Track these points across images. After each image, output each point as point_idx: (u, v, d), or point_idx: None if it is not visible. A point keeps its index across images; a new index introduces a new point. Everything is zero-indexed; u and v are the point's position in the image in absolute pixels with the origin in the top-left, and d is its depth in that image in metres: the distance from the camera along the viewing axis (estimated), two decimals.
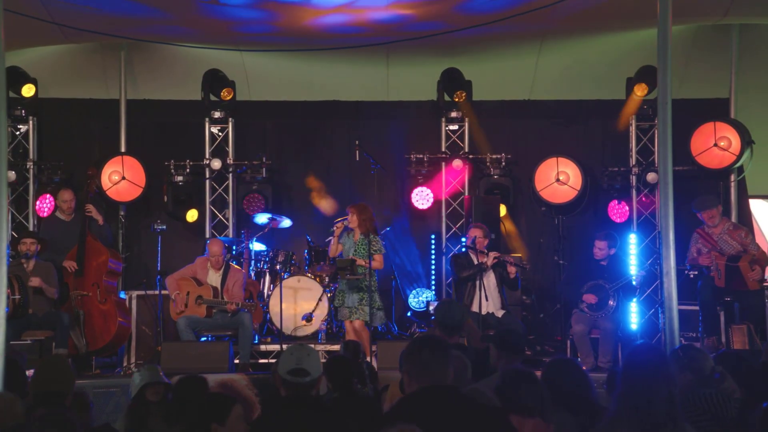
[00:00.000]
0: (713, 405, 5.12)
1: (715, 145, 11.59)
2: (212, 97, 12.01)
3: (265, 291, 11.37)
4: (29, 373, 6.34)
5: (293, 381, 4.76)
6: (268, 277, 11.44)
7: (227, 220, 12.22)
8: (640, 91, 11.59)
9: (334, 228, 10.33)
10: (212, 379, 7.46)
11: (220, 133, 12.28)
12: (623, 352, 9.80)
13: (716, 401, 5.14)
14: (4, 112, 5.38)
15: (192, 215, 11.86)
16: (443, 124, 12.30)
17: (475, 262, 10.34)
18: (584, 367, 9.87)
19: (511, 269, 10.28)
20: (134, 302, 11.28)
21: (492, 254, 10.32)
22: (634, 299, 10.94)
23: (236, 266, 10.96)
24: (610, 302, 10.28)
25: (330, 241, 10.57)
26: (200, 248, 11.50)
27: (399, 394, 6.63)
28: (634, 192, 11.98)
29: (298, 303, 11.10)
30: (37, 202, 11.75)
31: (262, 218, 11.67)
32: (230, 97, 11.92)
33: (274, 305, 10.98)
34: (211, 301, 10.47)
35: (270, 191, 12.20)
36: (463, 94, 11.99)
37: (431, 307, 11.29)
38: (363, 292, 10.13)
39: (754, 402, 4.65)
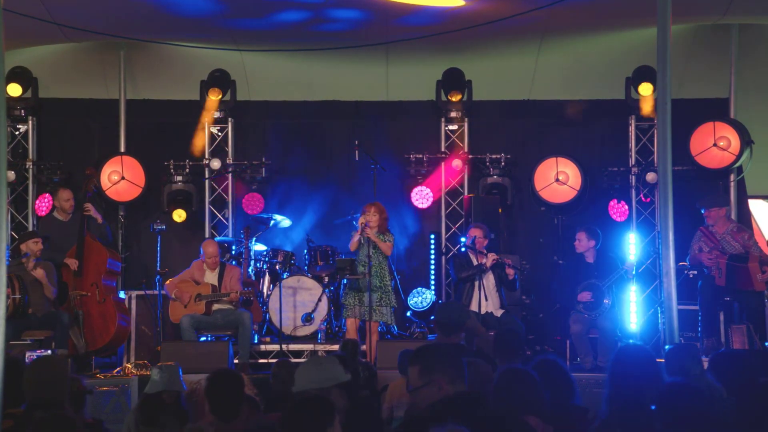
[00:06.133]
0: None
1: (715, 145, 11.59)
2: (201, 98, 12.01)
3: (265, 291, 11.37)
4: None
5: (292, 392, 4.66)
6: (267, 277, 11.43)
7: (227, 220, 12.22)
8: (645, 90, 11.53)
9: (360, 225, 10.30)
10: None
11: (219, 133, 12.28)
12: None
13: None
14: (4, 112, 5.36)
15: (179, 215, 11.83)
16: (443, 124, 12.30)
17: (475, 263, 10.34)
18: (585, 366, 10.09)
19: (510, 271, 10.28)
20: (134, 302, 11.28)
21: (491, 255, 10.32)
22: (632, 288, 10.89)
23: (231, 264, 10.97)
24: (606, 300, 10.28)
25: (354, 236, 10.46)
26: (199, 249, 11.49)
27: (399, 394, 6.65)
28: (633, 192, 11.99)
29: (298, 303, 11.09)
30: (36, 202, 11.75)
31: (285, 221, 11.75)
32: (218, 98, 11.89)
33: (273, 305, 10.98)
34: (210, 295, 10.48)
35: (270, 191, 12.20)
36: (459, 96, 11.98)
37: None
38: (380, 291, 10.22)
39: (748, 406, 4.62)
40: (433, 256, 12.25)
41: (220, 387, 5.06)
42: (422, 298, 11.79)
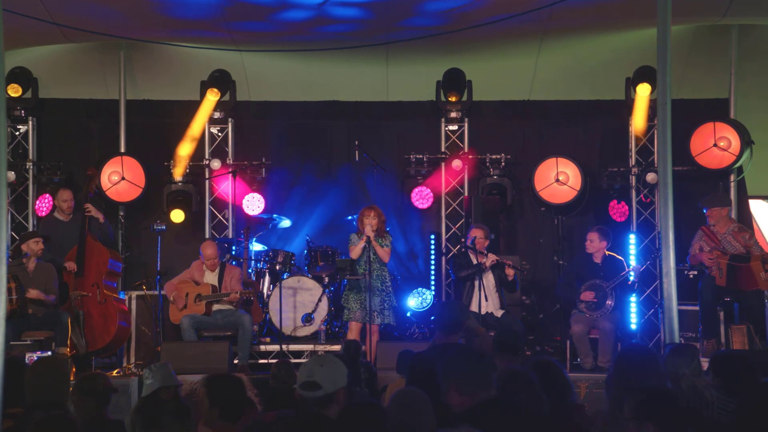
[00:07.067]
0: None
1: (715, 145, 11.59)
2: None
3: (265, 291, 11.36)
4: None
5: (303, 395, 4.44)
6: (268, 278, 11.43)
7: (227, 220, 12.22)
8: (643, 91, 11.55)
9: (365, 234, 10.21)
10: None
11: (219, 134, 12.29)
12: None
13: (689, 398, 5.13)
14: (4, 112, 5.37)
15: (178, 215, 11.81)
16: (443, 124, 12.30)
17: (475, 262, 10.35)
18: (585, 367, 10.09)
19: (509, 271, 10.28)
20: (134, 302, 11.28)
21: (491, 256, 10.32)
22: (633, 295, 10.91)
23: (231, 264, 10.97)
24: (608, 302, 10.27)
25: (358, 244, 10.37)
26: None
27: None
28: (633, 192, 11.99)
29: (298, 303, 11.09)
30: (37, 202, 11.75)
31: (285, 222, 11.75)
32: (217, 98, 11.89)
33: (273, 305, 10.98)
34: (210, 296, 10.49)
35: (270, 191, 12.20)
36: (459, 96, 11.97)
37: None
38: (383, 294, 10.24)
39: (750, 406, 4.61)
40: (433, 257, 12.25)
41: (226, 390, 5.00)
42: (422, 298, 11.80)
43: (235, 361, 10.24)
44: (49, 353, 9.38)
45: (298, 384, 4.48)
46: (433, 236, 12.30)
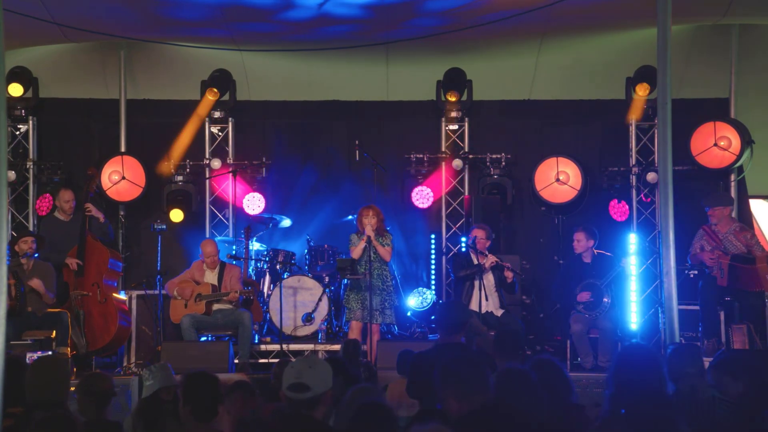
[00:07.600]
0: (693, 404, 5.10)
1: (715, 144, 11.58)
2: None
3: (266, 291, 11.36)
4: None
5: (291, 397, 4.38)
6: (268, 277, 11.43)
7: (227, 220, 12.23)
8: (642, 90, 11.58)
9: (365, 233, 10.22)
10: None
11: (220, 133, 12.29)
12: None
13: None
14: (4, 111, 5.37)
15: (177, 215, 11.80)
16: (443, 124, 12.30)
17: (475, 262, 10.35)
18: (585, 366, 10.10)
19: (508, 274, 10.28)
20: (134, 302, 11.28)
21: (491, 257, 10.32)
22: (633, 288, 10.89)
23: (231, 264, 10.97)
24: (605, 299, 10.28)
25: (359, 244, 10.35)
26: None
27: (398, 394, 6.65)
28: (633, 192, 11.99)
29: (298, 303, 11.09)
30: (37, 202, 11.75)
31: (285, 221, 11.75)
32: (215, 98, 11.89)
33: (274, 305, 10.98)
34: (210, 295, 10.50)
35: (270, 191, 12.20)
36: (459, 96, 11.96)
37: None
38: (384, 293, 10.23)
39: (753, 403, 4.62)
40: (433, 256, 12.25)
41: (198, 389, 4.91)
42: (422, 298, 11.79)
43: (236, 361, 10.25)
44: (50, 353, 9.37)
45: (286, 385, 4.42)
46: (433, 236, 12.30)
